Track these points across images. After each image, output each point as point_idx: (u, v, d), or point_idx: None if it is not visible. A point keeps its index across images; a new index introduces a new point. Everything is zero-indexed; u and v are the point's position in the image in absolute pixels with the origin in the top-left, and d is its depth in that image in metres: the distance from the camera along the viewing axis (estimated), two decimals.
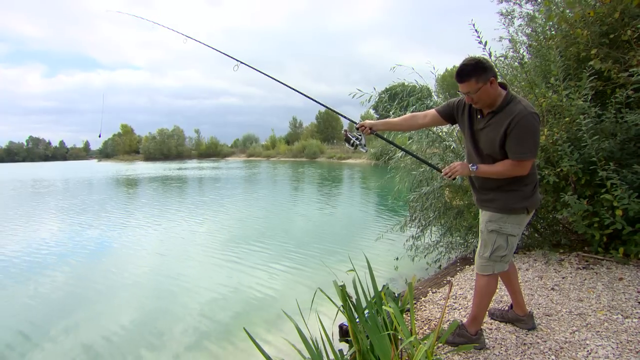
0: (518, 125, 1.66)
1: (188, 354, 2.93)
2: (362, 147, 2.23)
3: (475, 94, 1.72)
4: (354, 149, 2.24)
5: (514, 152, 1.71)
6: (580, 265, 3.11)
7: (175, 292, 4.26)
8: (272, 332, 3.16)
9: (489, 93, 1.73)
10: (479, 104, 1.77)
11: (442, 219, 4.19)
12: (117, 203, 12.07)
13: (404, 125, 2.22)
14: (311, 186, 16.58)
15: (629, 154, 3.08)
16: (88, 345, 3.13)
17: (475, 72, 1.69)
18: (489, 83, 1.70)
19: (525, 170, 1.74)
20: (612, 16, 3.36)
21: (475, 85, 1.70)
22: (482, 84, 1.70)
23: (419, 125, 2.21)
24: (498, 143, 1.74)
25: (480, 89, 1.70)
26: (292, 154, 52.03)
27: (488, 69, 1.70)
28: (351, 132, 2.26)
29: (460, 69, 1.73)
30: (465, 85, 1.73)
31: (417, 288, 3.02)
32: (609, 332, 2.06)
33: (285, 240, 6.42)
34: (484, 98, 1.74)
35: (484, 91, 1.71)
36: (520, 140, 1.68)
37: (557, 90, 3.29)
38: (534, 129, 1.68)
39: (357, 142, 2.21)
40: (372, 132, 2.22)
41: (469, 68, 1.71)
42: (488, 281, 1.92)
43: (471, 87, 1.71)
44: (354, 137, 2.22)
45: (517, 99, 1.74)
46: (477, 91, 1.71)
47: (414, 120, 2.17)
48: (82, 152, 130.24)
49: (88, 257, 5.87)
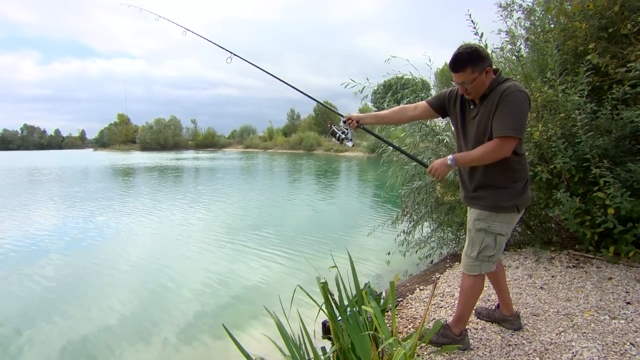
0: (504, 101, 1.57)
1: (167, 349, 2.88)
2: (349, 141, 2.14)
3: (470, 85, 1.62)
4: (339, 143, 2.16)
5: (496, 128, 1.58)
6: (571, 264, 3.07)
7: (161, 286, 4.21)
8: (256, 327, 3.11)
9: (484, 83, 1.64)
10: (473, 94, 1.68)
11: (433, 214, 4.14)
12: (111, 193, 11.96)
13: (393, 118, 2.12)
14: (307, 179, 16.52)
15: (624, 151, 3.03)
16: (75, 336, 3.11)
17: (471, 61, 1.60)
18: (484, 73, 1.61)
19: (508, 151, 1.59)
20: (612, 9, 3.27)
21: (471, 76, 1.61)
22: (477, 74, 1.60)
23: (408, 118, 2.10)
24: (489, 127, 1.64)
25: (476, 79, 1.61)
26: (290, 145, 51.89)
27: (484, 58, 1.62)
28: (337, 125, 2.17)
29: (455, 57, 1.63)
30: (460, 75, 1.63)
31: (405, 285, 2.97)
32: (595, 333, 2.02)
33: (276, 234, 6.37)
34: (479, 88, 1.65)
35: (480, 81, 1.62)
36: (504, 115, 1.56)
37: (553, 84, 3.21)
38: (521, 105, 1.57)
39: (343, 136, 2.13)
40: (359, 126, 2.12)
41: (464, 57, 1.61)
42: (474, 281, 1.86)
43: (466, 77, 1.61)
44: (340, 130, 2.14)
45: (508, 80, 1.66)
46: (473, 81, 1.61)
47: (404, 112, 2.06)
48: (78, 141, 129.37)
49: (79, 247, 5.82)
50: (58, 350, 2.94)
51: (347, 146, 2.22)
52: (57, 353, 2.90)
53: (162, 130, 72.43)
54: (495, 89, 1.64)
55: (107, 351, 2.88)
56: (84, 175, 19.03)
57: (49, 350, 2.94)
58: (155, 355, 2.83)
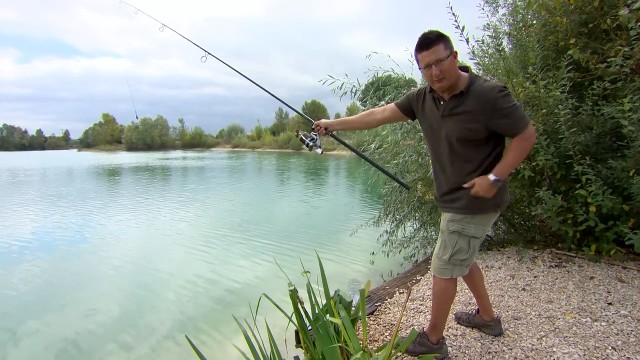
0: (500, 104, 1.48)
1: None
2: (317, 148, 2.13)
3: (446, 61, 1.48)
4: (309, 150, 2.14)
5: (513, 128, 1.51)
6: (553, 263, 3.01)
7: (133, 293, 4.04)
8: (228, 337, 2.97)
9: (456, 69, 1.54)
10: (446, 79, 1.52)
11: (416, 213, 4.05)
12: (97, 193, 11.65)
13: (362, 123, 2.04)
14: (295, 179, 16.37)
15: (604, 148, 2.98)
16: (61, 338, 3.06)
17: (441, 38, 1.49)
18: (453, 57, 1.51)
19: (534, 136, 1.54)
20: (592, 4, 3.22)
21: (445, 52, 1.48)
22: (449, 52, 1.49)
23: (377, 122, 2.01)
24: (475, 127, 1.53)
25: (449, 57, 1.49)
26: (278, 145, 51.62)
27: (451, 42, 1.52)
28: (306, 132, 2.17)
29: (424, 36, 1.51)
30: (432, 51, 1.48)
31: (384, 288, 2.86)
32: (577, 337, 1.94)
33: (257, 236, 6.21)
34: (452, 72, 1.52)
35: (452, 64, 1.50)
36: (510, 115, 1.48)
37: (535, 80, 3.14)
38: (512, 100, 1.50)
39: (312, 144, 2.12)
40: (327, 133, 2.11)
41: (434, 34, 1.50)
42: (446, 285, 1.75)
43: (440, 53, 1.48)
44: (308, 137, 2.13)
45: (480, 78, 1.57)
46: (447, 58, 1.48)
47: (372, 116, 1.98)
48: (61, 142, 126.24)
49: (65, 248, 5.67)
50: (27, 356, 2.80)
51: (316, 153, 2.17)
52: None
53: (148, 130, 71.25)
54: (472, 88, 1.54)
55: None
56: (68, 176, 18.50)
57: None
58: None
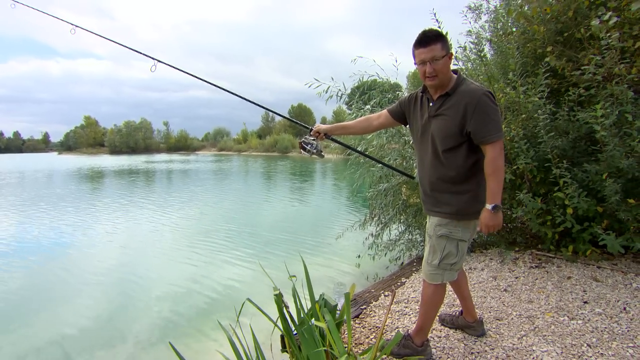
0: (480, 106, 1.52)
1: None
2: (319, 154, 2.17)
3: (441, 60, 1.54)
4: (310, 156, 2.17)
5: (485, 135, 1.53)
6: (533, 264, 3.10)
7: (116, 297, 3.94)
8: (216, 341, 2.92)
9: (449, 70, 1.60)
10: (438, 77, 1.57)
11: (401, 216, 4.09)
12: (78, 197, 11.31)
13: (359, 128, 2.11)
14: (281, 183, 16.31)
15: (580, 152, 3.09)
16: (37, 347, 2.99)
17: (440, 37, 1.55)
18: (448, 57, 1.57)
19: (502, 156, 1.56)
20: (567, 14, 3.35)
21: (441, 51, 1.54)
22: (445, 52, 1.55)
23: (374, 127, 2.09)
24: (456, 128, 1.57)
25: (445, 57, 1.55)
26: (264, 148, 51.43)
27: (448, 43, 1.58)
28: (306, 139, 2.18)
29: (424, 33, 1.56)
30: (429, 49, 1.54)
31: (369, 291, 2.88)
32: (555, 335, 2.00)
33: (242, 240, 6.15)
34: (445, 72, 1.58)
35: (446, 64, 1.57)
36: (486, 122, 1.52)
37: (515, 86, 3.24)
38: (495, 107, 1.55)
39: (314, 150, 2.15)
40: (327, 137, 2.17)
41: (434, 32, 1.55)
42: (435, 290, 1.77)
43: (436, 51, 1.54)
44: (308, 144, 2.16)
45: (467, 80, 1.61)
46: (443, 57, 1.54)
47: (368, 122, 2.06)
48: (40, 144, 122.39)
49: (47, 252, 5.54)
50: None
51: (321, 157, 2.20)
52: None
53: (132, 133, 69.80)
54: (458, 89, 1.59)
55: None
56: (48, 179, 17.90)
57: None
58: None
